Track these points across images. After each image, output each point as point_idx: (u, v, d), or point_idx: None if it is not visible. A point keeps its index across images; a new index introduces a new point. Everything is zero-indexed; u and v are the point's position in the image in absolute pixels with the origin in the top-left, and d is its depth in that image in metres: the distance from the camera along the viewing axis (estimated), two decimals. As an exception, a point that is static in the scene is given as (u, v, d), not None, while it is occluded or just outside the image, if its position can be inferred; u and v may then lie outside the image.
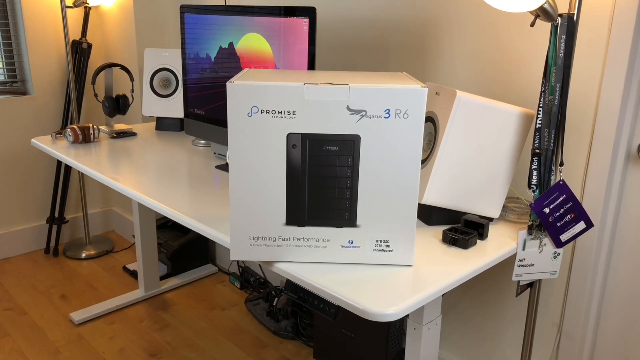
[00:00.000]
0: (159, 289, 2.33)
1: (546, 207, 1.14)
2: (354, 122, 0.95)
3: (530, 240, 1.16)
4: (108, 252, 2.73)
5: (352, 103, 0.94)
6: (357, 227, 1.01)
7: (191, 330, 2.08)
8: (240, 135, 0.96)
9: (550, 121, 1.11)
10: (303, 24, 1.36)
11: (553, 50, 1.09)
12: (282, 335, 2.04)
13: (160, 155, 1.78)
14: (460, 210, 1.21)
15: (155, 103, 2.08)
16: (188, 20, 1.67)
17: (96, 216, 2.93)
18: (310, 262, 1.03)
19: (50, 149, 1.84)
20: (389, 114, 0.94)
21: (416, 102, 0.94)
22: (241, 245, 1.02)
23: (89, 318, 2.13)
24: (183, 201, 1.35)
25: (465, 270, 1.03)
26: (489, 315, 1.61)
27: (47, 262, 2.62)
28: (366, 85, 0.93)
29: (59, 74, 2.62)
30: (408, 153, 0.96)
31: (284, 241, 1.02)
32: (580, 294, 1.39)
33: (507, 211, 1.28)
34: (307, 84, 0.93)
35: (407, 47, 1.64)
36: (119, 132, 2.00)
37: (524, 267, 1.17)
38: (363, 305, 0.90)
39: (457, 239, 1.12)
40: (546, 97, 1.11)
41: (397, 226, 1.00)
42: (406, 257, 1.02)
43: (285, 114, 0.95)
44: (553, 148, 1.13)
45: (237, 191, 0.99)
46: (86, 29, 2.60)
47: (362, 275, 0.99)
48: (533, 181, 1.15)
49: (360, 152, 0.96)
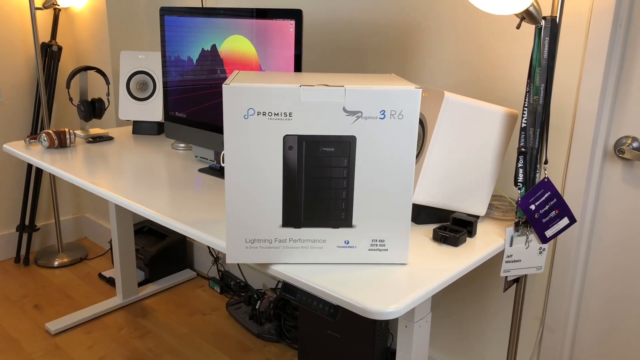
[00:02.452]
0: (137, 296, 2.29)
1: (532, 204, 1.17)
2: (350, 124, 0.96)
3: (517, 236, 1.19)
4: (82, 260, 2.66)
5: (348, 104, 0.95)
6: (353, 227, 1.02)
7: (173, 336, 2.05)
8: (237, 138, 0.96)
9: (535, 120, 1.15)
10: (289, 26, 1.36)
11: (537, 52, 1.12)
12: (266, 338, 2.03)
13: (139, 159, 1.75)
14: (448, 208, 1.24)
15: (131, 106, 2.05)
16: (168, 22, 1.65)
17: (68, 223, 2.85)
18: (306, 263, 1.04)
19: (24, 155, 1.79)
20: (384, 115, 0.96)
21: (411, 102, 0.95)
22: (237, 247, 1.02)
23: (65, 327, 2.07)
24: (167, 205, 1.33)
25: (458, 267, 1.06)
26: (473, 311, 1.65)
27: (18, 271, 2.54)
28: (362, 87, 0.94)
29: (27, 78, 2.55)
30: (403, 153, 0.98)
31: (280, 243, 1.02)
32: (561, 288, 1.43)
33: (493, 209, 1.31)
34: (304, 86, 0.94)
35: (390, 49, 1.66)
36: (95, 137, 1.96)
37: (511, 262, 1.21)
38: (363, 304, 0.91)
39: (448, 237, 1.14)
40: (531, 97, 1.14)
41: (392, 225, 1.02)
42: (401, 256, 1.04)
43: (281, 115, 0.95)
44: (538, 147, 1.16)
45: (233, 194, 0.99)
46: (56, 31, 2.54)
47: (359, 274, 1.00)
48: (519, 179, 1.18)
49: (356, 153, 0.97)
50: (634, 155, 1.26)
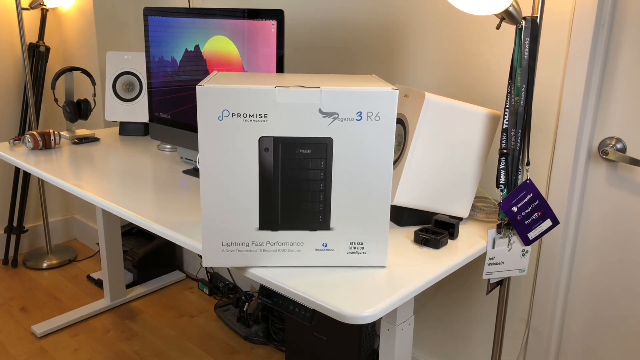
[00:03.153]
0: (125, 298, 2.27)
1: (514, 206, 1.16)
2: (327, 125, 0.95)
3: (500, 238, 1.18)
4: (71, 262, 2.65)
5: (324, 106, 0.94)
6: (330, 230, 1.01)
7: (160, 339, 2.04)
8: (211, 140, 0.95)
9: (516, 122, 1.14)
10: (271, 27, 1.35)
11: (518, 52, 1.11)
12: (253, 340, 2.02)
13: (125, 160, 1.74)
14: (430, 210, 1.23)
15: (118, 107, 2.04)
16: (152, 23, 1.64)
17: (57, 224, 2.84)
18: (284, 266, 1.02)
19: (8, 156, 1.77)
20: (360, 116, 0.95)
21: (387, 104, 0.94)
22: (213, 251, 1.00)
23: (51, 330, 2.06)
24: (150, 207, 1.32)
25: (438, 269, 1.04)
26: (459, 313, 1.64)
27: (6, 273, 2.52)
28: (338, 88, 0.93)
29: (15, 79, 2.54)
30: (380, 155, 0.96)
31: (257, 246, 1.01)
32: (546, 290, 1.42)
33: (476, 210, 1.30)
34: (279, 87, 0.93)
35: (374, 50, 1.65)
36: (81, 138, 1.95)
37: (493, 265, 1.19)
38: (339, 308, 0.90)
39: (429, 239, 1.13)
40: (512, 98, 1.13)
41: (370, 228, 1.01)
42: (380, 259, 1.03)
43: (257, 117, 0.94)
44: (520, 148, 1.15)
45: (208, 196, 0.98)
46: (43, 31, 2.52)
47: (337, 277, 0.99)
48: (501, 180, 1.17)
49: (333, 155, 0.96)
50: (618, 157, 1.25)
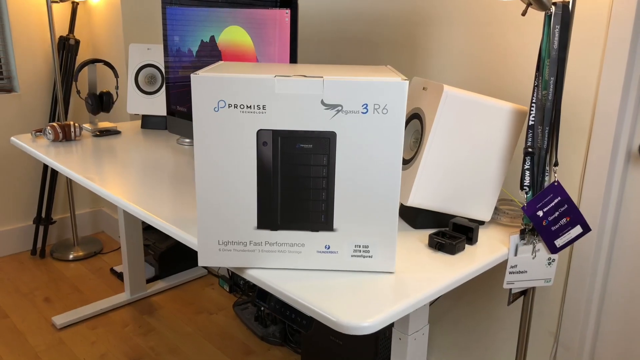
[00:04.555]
0: (146, 292, 2.26)
1: (539, 210, 1.06)
2: (329, 118, 0.88)
3: (523, 245, 1.08)
4: (96, 254, 2.66)
5: (327, 97, 0.87)
6: (334, 231, 0.94)
7: (176, 335, 2.01)
8: (207, 132, 0.89)
9: (543, 118, 1.04)
10: (285, 16, 1.29)
11: (547, 42, 1.02)
12: (270, 341, 1.96)
13: (143, 154, 1.71)
14: (448, 212, 1.14)
15: (140, 100, 2.02)
16: (170, 13, 1.60)
17: (85, 217, 2.86)
18: (283, 268, 0.96)
19: (29, 148, 1.77)
20: (366, 109, 0.87)
21: (396, 96, 0.86)
22: (209, 250, 0.95)
23: (71, 322, 2.06)
24: (163, 203, 1.28)
25: (451, 277, 0.96)
26: (481, 324, 1.54)
27: (33, 263, 2.55)
28: (342, 78, 0.86)
29: (45, 71, 2.56)
30: (388, 151, 0.89)
31: (255, 246, 0.95)
32: (577, 302, 1.31)
33: (500, 214, 1.21)
34: (278, 77, 0.86)
35: (396, 41, 1.56)
36: (102, 131, 1.94)
37: (516, 274, 1.10)
38: (336, 316, 0.83)
39: (444, 244, 1.04)
40: (539, 92, 1.04)
41: (377, 230, 0.93)
42: (387, 264, 0.95)
43: (254, 108, 0.88)
44: (547, 147, 1.05)
45: (204, 192, 0.92)
46: (74, 24, 2.54)
47: (339, 282, 0.92)
48: (526, 182, 1.07)
49: (336, 150, 0.89)
50: (660, 158, 1.13)
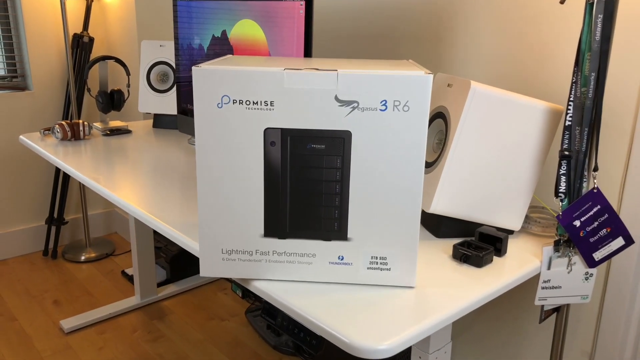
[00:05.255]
0: (156, 297, 2.20)
1: (576, 220, 0.96)
2: (344, 116, 0.79)
3: (557, 258, 0.98)
4: (108, 255, 2.61)
5: (342, 92, 0.78)
6: (348, 241, 0.85)
7: (186, 342, 1.94)
8: (209, 130, 0.81)
9: (582, 118, 0.94)
10: (299, 8, 1.20)
11: (587, 34, 0.91)
12: (283, 350, 1.88)
13: (153, 154, 1.64)
14: (474, 221, 1.04)
15: (151, 99, 1.96)
16: (181, 7, 1.53)
17: (98, 217, 2.82)
18: (292, 280, 0.88)
19: (36, 147, 1.72)
20: (385, 105, 0.78)
21: (419, 91, 0.77)
22: (212, 259, 0.87)
23: (79, 326, 2.00)
24: (170, 207, 1.21)
25: (478, 293, 0.87)
26: (508, 340, 1.43)
27: (45, 264, 2.51)
28: (358, 72, 0.77)
29: (59, 69, 2.52)
30: (409, 153, 0.80)
31: (262, 255, 0.87)
32: (615, 322, 1.20)
33: (531, 223, 1.11)
34: (288, 70, 0.78)
35: (419, 36, 1.47)
36: (113, 130, 1.88)
37: (549, 289, 1.00)
38: (350, 337, 0.74)
39: (470, 256, 0.95)
40: (578, 89, 0.93)
41: (396, 240, 0.84)
42: (407, 278, 0.86)
43: (261, 105, 0.80)
44: (586, 150, 0.95)
45: (206, 196, 0.84)
46: (88, 22, 2.49)
47: (353, 298, 0.83)
48: (561, 189, 0.97)
49: (351, 152, 0.81)
50: None
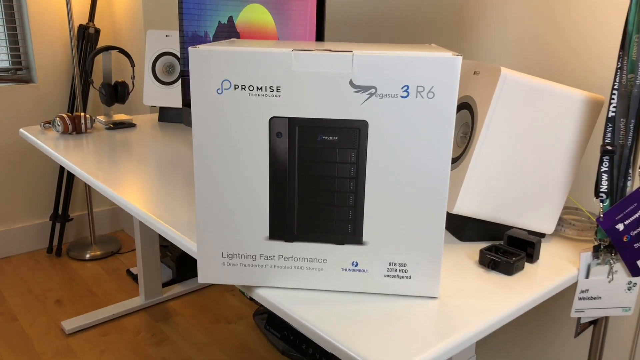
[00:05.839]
0: (161, 297, 2.12)
1: (620, 223, 0.86)
2: (360, 103, 0.70)
3: (597, 265, 0.88)
4: (114, 254, 2.54)
5: (358, 77, 0.69)
6: (363, 245, 0.76)
7: (190, 345, 1.86)
8: (207, 120, 0.72)
9: (628, 108, 0.83)
10: (311, -11, 1.11)
11: (635, 13, 0.81)
12: (292, 356, 1.79)
13: (157, 149, 1.56)
14: (502, 223, 0.94)
15: (157, 91, 1.87)
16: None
17: (103, 214, 2.75)
18: (300, 288, 0.78)
19: (36, 140, 1.65)
20: (407, 92, 0.69)
21: (446, 76, 0.68)
22: (212, 264, 0.78)
23: (81, 328, 1.93)
24: (175, 206, 1.12)
25: (509, 305, 0.77)
26: (535, 350, 1.33)
27: (49, 262, 2.45)
28: (376, 53, 0.68)
29: (64, 61, 2.45)
30: (434, 146, 0.70)
31: (266, 260, 0.77)
32: (655, 332, 1.09)
33: (564, 225, 1.00)
34: (297, 51, 0.69)
35: (442, 20, 1.37)
36: (116, 123, 1.80)
37: (587, 300, 0.90)
38: (364, 356, 0.64)
39: (500, 262, 0.85)
40: (624, 76, 0.83)
41: (417, 244, 0.75)
42: (429, 287, 0.76)
43: (267, 90, 0.71)
44: (631, 145, 0.85)
45: (204, 194, 0.75)
46: (94, 13, 2.42)
47: (369, 309, 0.74)
48: (602, 188, 0.87)
49: (368, 144, 0.71)
50: None
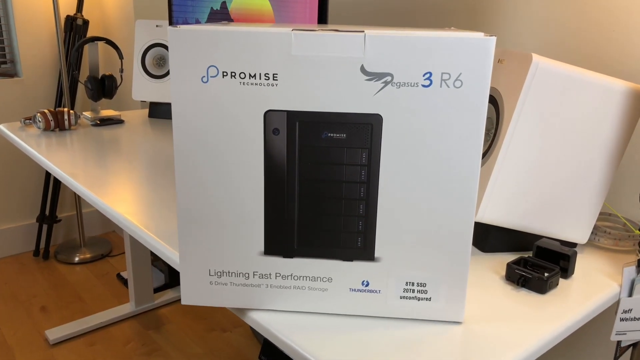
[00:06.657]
0: (152, 304, 2.01)
1: (669, 233, 0.75)
2: (373, 94, 0.58)
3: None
4: (104, 257, 2.43)
5: (370, 62, 0.57)
6: (375, 261, 0.64)
7: (183, 356, 1.75)
8: (190, 114, 0.61)
9: (682, 101, 0.72)
10: (312, -31, 0.99)
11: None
12: (291, 368, 1.68)
13: (146, 147, 1.44)
14: (530, 231, 0.83)
15: (146, 85, 1.76)
16: (175, -23, 1.33)
17: (93, 215, 2.63)
18: (301, 312, 0.67)
19: (14, 137, 1.53)
20: (430, 80, 0.57)
21: (477, 61, 0.56)
22: (197, 283, 0.67)
23: (66, 337, 1.82)
24: (162, 212, 1.01)
25: (546, 332, 0.65)
26: (556, 365, 1.22)
27: (36, 266, 2.33)
28: (393, 34, 0.56)
29: (51, 54, 2.33)
30: (461, 144, 0.59)
31: (261, 279, 0.66)
32: (695, 352, 0.98)
33: (598, 234, 0.89)
34: (297, 31, 0.57)
35: (460, 5, 1.25)
36: (103, 119, 1.68)
37: (630, 321, 0.78)
38: (380, 401, 0.53)
39: (531, 278, 0.74)
40: (677, 64, 0.72)
41: (439, 260, 0.63)
42: (453, 310, 0.65)
43: (261, 78, 0.59)
44: (684, 143, 0.73)
45: (187, 202, 0.64)
46: (82, 2, 2.29)
47: (382, 337, 0.63)
48: (649, 193, 0.76)
49: (381, 143, 0.60)
50: None
